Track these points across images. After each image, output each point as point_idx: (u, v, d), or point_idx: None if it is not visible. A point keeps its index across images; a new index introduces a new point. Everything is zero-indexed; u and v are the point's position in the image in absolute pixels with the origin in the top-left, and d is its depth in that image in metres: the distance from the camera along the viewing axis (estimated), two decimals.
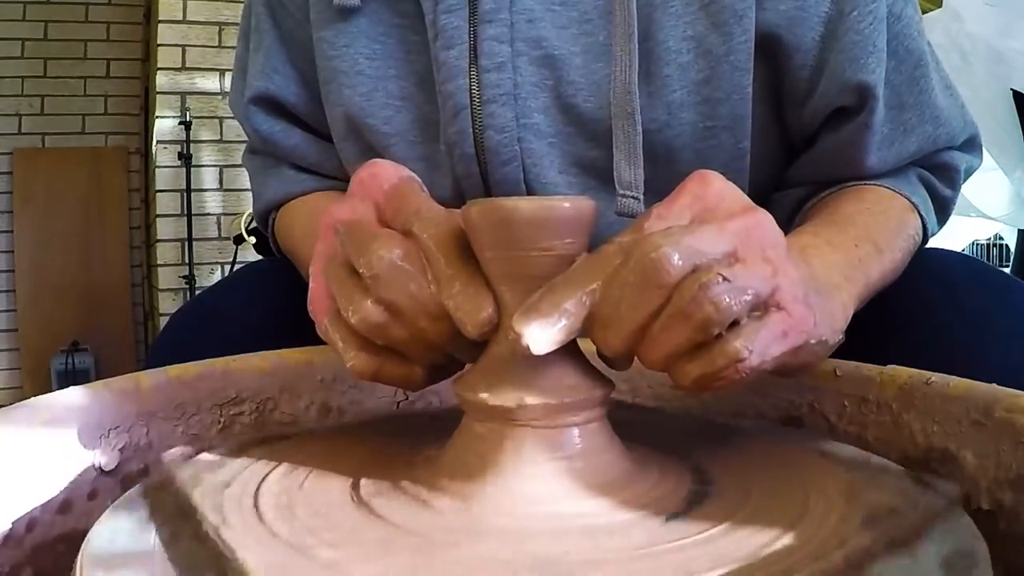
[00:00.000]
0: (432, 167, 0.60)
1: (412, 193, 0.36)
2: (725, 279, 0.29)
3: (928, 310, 0.52)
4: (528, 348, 0.29)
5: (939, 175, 0.60)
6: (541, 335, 0.30)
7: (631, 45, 0.50)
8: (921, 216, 0.56)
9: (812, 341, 0.33)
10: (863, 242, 0.47)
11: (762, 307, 0.31)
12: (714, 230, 0.31)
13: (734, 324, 0.30)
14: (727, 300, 0.29)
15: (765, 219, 0.32)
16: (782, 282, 0.31)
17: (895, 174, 0.58)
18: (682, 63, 0.53)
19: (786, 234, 0.47)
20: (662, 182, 0.57)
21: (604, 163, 0.54)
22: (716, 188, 0.33)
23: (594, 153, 0.56)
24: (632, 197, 0.52)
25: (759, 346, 0.30)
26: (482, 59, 0.54)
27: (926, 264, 0.55)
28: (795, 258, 0.34)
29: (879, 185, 0.57)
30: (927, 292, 0.53)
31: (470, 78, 0.55)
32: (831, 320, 0.37)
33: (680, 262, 0.29)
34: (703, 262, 0.30)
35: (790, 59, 0.55)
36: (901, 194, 0.56)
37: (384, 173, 0.37)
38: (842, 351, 0.39)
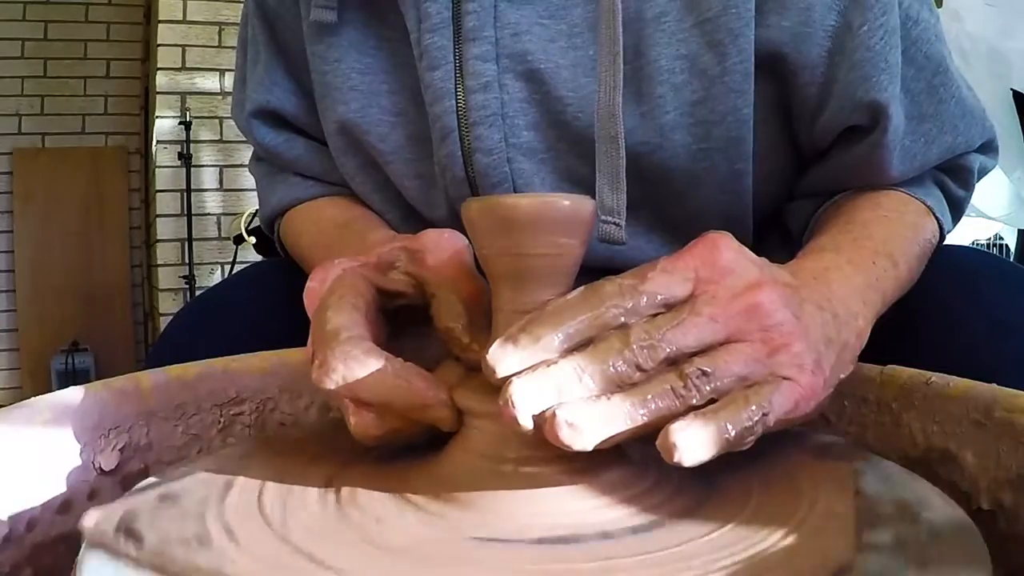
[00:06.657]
0: (429, 184, 0.59)
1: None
2: (704, 373, 0.30)
3: (948, 307, 0.51)
4: (499, 378, 0.29)
5: (953, 176, 0.59)
6: (514, 367, 0.29)
7: (615, 66, 0.48)
8: (937, 218, 0.56)
9: (822, 399, 0.34)
10: (880, 257, 0.46)
11: (770, 378, 0.31)
12: (703, 322, 0.31)
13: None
14: (695, 393, 0.29)
15: (767, 298, 0.32)
16: (783, 359, 0.32)
17: (911, 179, 0.57)
18: (675, 83, 0.52)
19: (801, 246, 0.47)
20: (654, 203, 0.57)
21: (595, 179, 0.52)
22: (725, 259, 0.32)
23: (585, 169, 0.54)
24: (614, 223, 0.49)
25: (775, 408, 0.31)
26: (468, 80, 0.53)
27: (947, 261, 0.54)
28: (808, 312, 0.34)
29: (895, 189, 0.56)
30: (948, 290, 0.52)
31: (457, 99, 0.54)
32: (843, 362, 0.37)
33: (652, 364, 0.30)
34: (682, 357, 0.30)
35: (796, 76, 0.53)
36: (916, 198, 0.56)
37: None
38: (863, 350, 0.40)
